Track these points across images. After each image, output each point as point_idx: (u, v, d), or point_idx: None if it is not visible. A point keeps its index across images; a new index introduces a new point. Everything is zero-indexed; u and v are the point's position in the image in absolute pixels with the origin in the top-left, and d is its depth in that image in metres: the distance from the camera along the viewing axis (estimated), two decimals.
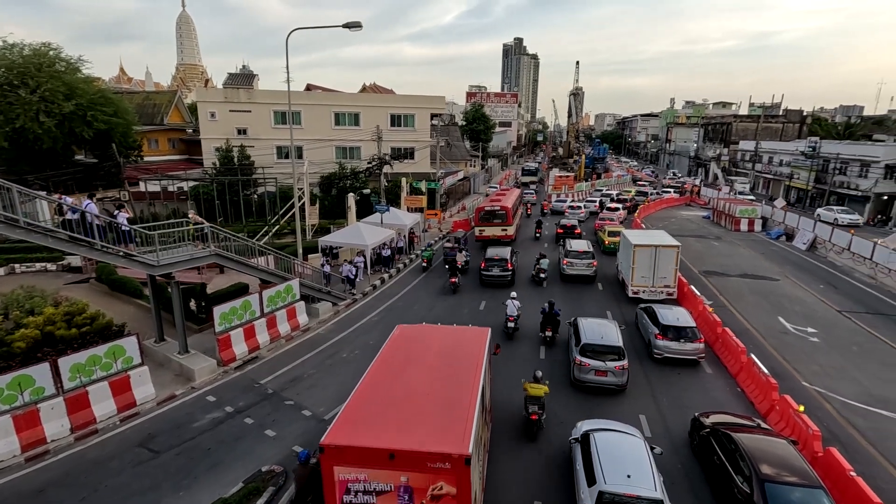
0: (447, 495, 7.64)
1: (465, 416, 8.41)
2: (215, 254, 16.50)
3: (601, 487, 8.90)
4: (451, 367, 10.28)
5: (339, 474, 7.84)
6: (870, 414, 13.70)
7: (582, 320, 16.21)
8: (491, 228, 31.22)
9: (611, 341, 14.79)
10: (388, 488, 7.75)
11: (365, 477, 7.79)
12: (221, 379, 15.48)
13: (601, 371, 14.35)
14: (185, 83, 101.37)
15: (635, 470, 9.17)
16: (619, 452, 9.70)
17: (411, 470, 7.64)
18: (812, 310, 21.94)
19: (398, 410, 8.76)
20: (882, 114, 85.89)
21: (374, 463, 7.71)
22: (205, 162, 42.63)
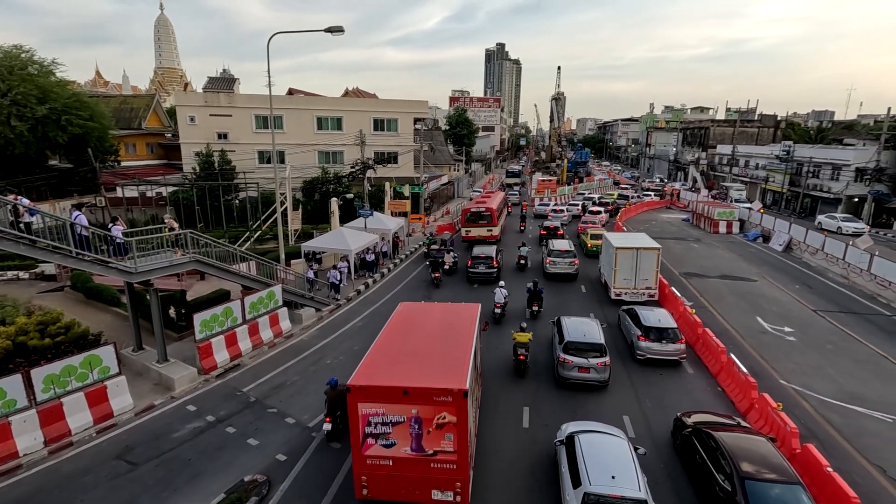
0: (449, 423, 9.46)
1: (462, 364, 10.41)
2: (195, 260, 16.21)
3: (586, 489, 9.03)
4: (449, 332, 12.29)
5: (362, 409, 9.63)
6: (845, 410, 14.05)
7: (565, 319, 16.69)
8: (477, 229, 32.47)
9: (593, 339, 15.26)
10: (402, 419, 9.58)
11: (383, 411, 9.61)
12: (202, 388, 15.18)
13: (584, 368, 14.78)
14: (164, 87, 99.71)
15: (619, 471, 9.31)
16: (604, 454, 9.82)
17: (421, 403, 9.46)
18: (788, 310, 22.47)
19: (407, 361, 10.81)
20: (852, 118, 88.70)
21: (390, 399, 9.54)
22: (184, 167, 41.95)
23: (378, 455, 9.81)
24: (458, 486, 9.75)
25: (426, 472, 9.79)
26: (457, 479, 9.74)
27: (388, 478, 9.91)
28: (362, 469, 9.99)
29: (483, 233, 32.29)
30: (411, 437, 9.68)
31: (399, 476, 9.87)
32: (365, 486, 10.05)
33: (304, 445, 12.28)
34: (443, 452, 9.65)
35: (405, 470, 9.81)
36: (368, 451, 9.85)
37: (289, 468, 11.41)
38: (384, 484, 9.98)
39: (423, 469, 9.77)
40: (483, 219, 32.57)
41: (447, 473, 9.72)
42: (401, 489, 9.96)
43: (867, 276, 25.65)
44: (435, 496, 9.87)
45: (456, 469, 9.69)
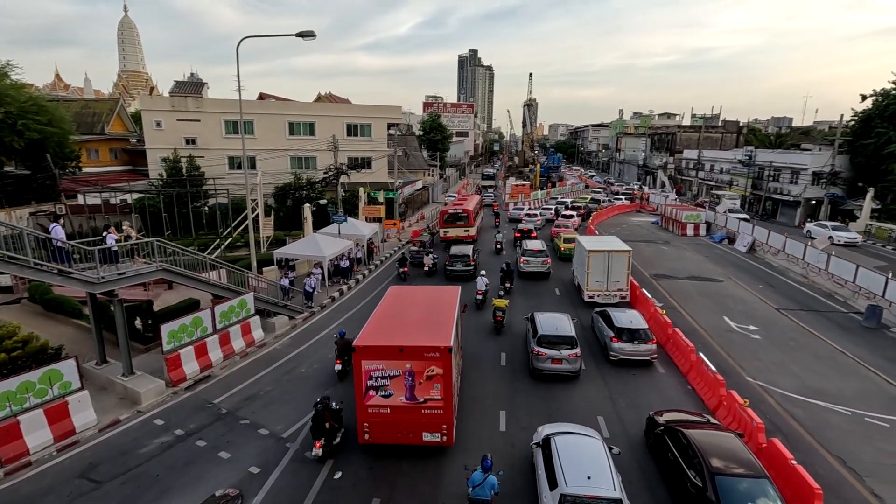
0: (437, 375, 11.50)
1: (447, 328, 12.57)
2: (163, 269, 15.73)
3: (563, 490, 9.13)
4: (434, 306, 14.51)
5: (365, 366, 11.56)
6: (807, 405, 14.61)
7: (538, 315, 17.64)
8: (455, 230, 34.30)
9: (565, 332, 16.20)
10: (398, 373, 11.56)
11: (382, 367, 11.56)
12: (171, 400, 14.70)
13: (557, 359, 15.67)
14: (128, 91, 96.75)
15: (595, 471, 9.47)
16: (579, 455, 9.98)
17: (413, 359, 11.47)
18: (753, 309, 23.26)
19: (401, 327, 13.06)
20: (808, 125, 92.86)
21: (388, 356, 11.53)
22: (150, 173, 40.76)
23: (378, 404, 11.74)
24: (444, 428, 11.80)
25: (418, 417, 11.74)
26: (443, 423, 11.77)
27: (386, 423, 11.83)
28: (364, 417, 11.85)
29: (460, 233, 34.01)
30: (405, 388, 11.66)
31: (395, 422, 11.80)
32: (367, 432, 11.93)
33: (278, 457, 12.01)
34: (431, 400, 11.66)
35: (401, 416, 11.75)
36: (370, 401, 11.76)
37: (262, 481, 11.14)
38: (383, 429, 11.88)
39: (416, 415, 11.73)
40: (460, 220, 34.33)
41: (435, 418, 11.72)
42: (397, 433, 11.88)
43: (825, 276, 26.80)
44: (425, 437, 11.84)
45: (442, 414, 11.71)
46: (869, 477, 11.35)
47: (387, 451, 12.14)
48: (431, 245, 32.45)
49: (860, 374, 16.62)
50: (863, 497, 10.74)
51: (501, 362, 17.21)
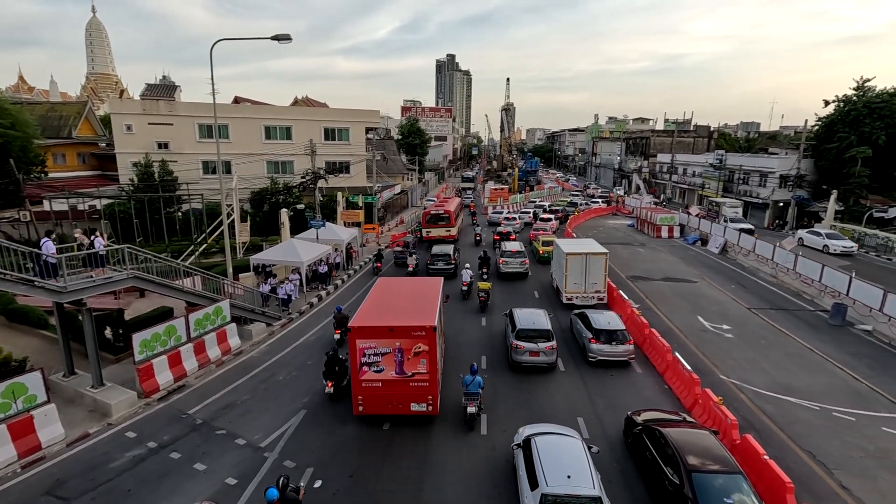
0: (423, 351, 12.90)
1: (431, 311, 13.90)
2: (134, 276, 15.30)
3: (543, 490, 9.22)
4: (419, 293, 15.91)
5: (359, 345, 12.92)
6: (778, 401, 15.03)
7: (516, 311, 18.52)
8: (437, 230, 36.12)
9: (541, 326, 17.15)
10: (388, 350, 12.95)
11: (375, 345, 12.94)
12: (143, 412, 14.27)
13: (534, 352, 16.52)
14: (97, 94, 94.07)
15: (574, 470, 9.58)
16: (559, 454, 10.08)
17: (402, 338, 12.85)
18: (726, 308, 23.86)
19: (390, 311, 14.30)
20: (775, 129, 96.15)
21: (380, 335, 12.91)
22: (121, 178, 39.63)
23: (371, 379, 13.10)
24: (429, 399, 13.23)
25: (406, 389, 13.12)
26: (429, 394, 13.18)
27: (378, 396, 13.19)
28: (359, 391, 13.20)
29: (442, 233, 35.89)
30: (395, 364, 13.04)
31: (386, 394, 13.17)
32: (361, 405, 13.31)
33: (255, 467, 11.76)
34: (418, 374, 13.04)
35: (391, 389, 13.12)
36: (363, 376, 13.09)
37: (240, 492, 10.89)
38: (375, 401, 13.26)
39: (404, 388, 13.12)
40: (442, 220, 36.30)
41: (422, 390, 13.11)
42: (388, 404, 13.27)
43: (793, 275, 27.70)
44: (413, 408, 13.23)
45: (428, 386, 13.12)
46: (837, 470, 11.73)
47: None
48: (415, 246, 33.32)
49: (827, 370, 17.20)
50: (832, 489, 11.09)
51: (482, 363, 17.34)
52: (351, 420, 13.71)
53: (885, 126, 43.50)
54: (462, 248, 35.84)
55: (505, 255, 28.96)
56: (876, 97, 45.54)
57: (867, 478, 11.47)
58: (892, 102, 43.88)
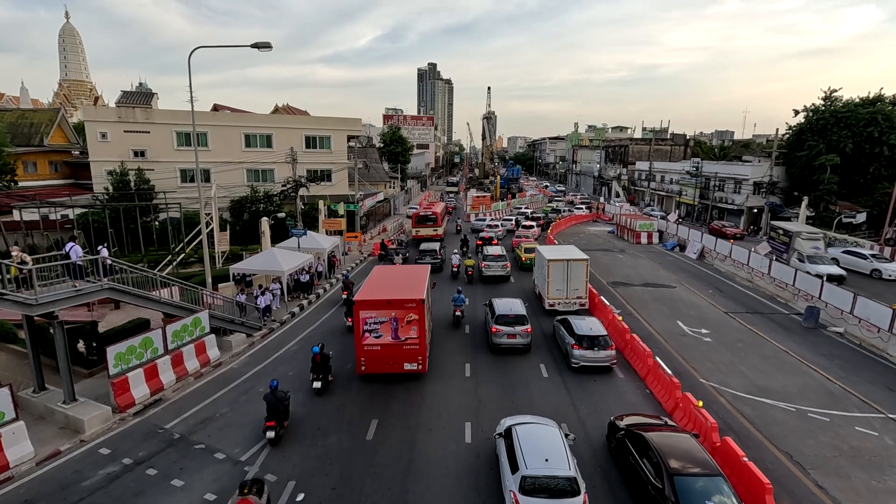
0: (414, 320, 15.88)
1: (420, 288, 17.12)
2: (108, 288, 14.90)
3: (523, 473, 9.90)
4: (411, 276, 19.43)
5: (362, 315, 15.88)
6: (755, 403, 15.34)
7: (495, 300, 20.61)
8: (425, 229, 39.71)
9: (518, 312, 19.29)
10: (386, 319, 15.91)
11: (374, 315, 15.92)
12: (118, 427, 13.84)
13: (512, 335, 18.65)
14: (70, 101, 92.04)
15: (552, 454, 10.29)
16: (538, 441, 10.73)
17: (397, 309, 15.87)
18: (704, 313, 24.33)
19: (387, 289, 17.38)
20: (748, 138, 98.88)
21: (379, 307, 15.91)
22: (95, 187, 38.71)
23: (371, 343, 16.03)
24: (419, 359, 16.26)
25: (400, 352, 16.07)
26: (419, 355, 16.20)
27: (377, 358, 16.12)
28: (361, 353, 16.14)
29: (430, 232, 39.43)
30: (391, 330, 15.97)
31: (384, 356, 16.08)
32: (363, 365, 16.22)
33: (235, 482, 11.45)
34: (410, 339, 16.04)
35: (388, 351, 16.03)
36: (365, 341, 16.03)
37: None
38: (375, 362, 16.16)
39: (399, 350, 16.05)
40: (430, 221, 40.09)
41: (413, 352, 16.12)
42: (385, 364, 16.17)
43: (768, 280, 28.42)
44: (406, 367, 16.19)
45: (418, 349, 16.12)
46: (813, 469, 12.01)
47: None
48: (407, 245, 36.87)
49: (802, 372, 17.64)
50: (808, 489, 11.33)
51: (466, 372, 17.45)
52: (333, 431, 13.53)
53: (851, 135, 45.15)
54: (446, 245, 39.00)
55: (487, 258, 29.84)
56: (842, 107, 47.28)
57: (842, 477, 11.76)
58: (857, 112, 45.61)
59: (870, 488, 11.38)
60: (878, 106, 45.42)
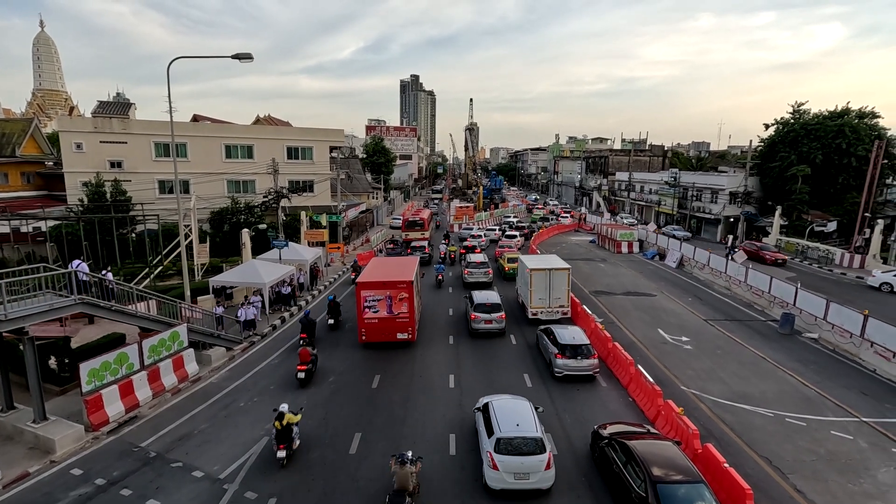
0: (405, 298, 19.66)
1: (410, 272, 20.98)
2: (82, 302, 14.50)
3: (498, 435, 11.55)
4: (402, 265, 23.37)
5: (363, 294, 19.56)
6: (735, 409, 15.58)
7: (474, 292, 23.41)
8: (413, 233, 45.15)
9: (494, 300, 22.24)
10: (382, 297, 19.60)
11: (373, 294, 19.61)
12: (91, 447, 13.38)
13: (488, 321, 21.50)
14: (44, 110, 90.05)
15: (522, 420, 11.98)
16: (511, 411, 12.46)
17: (391, 289, 19.62)
18: (684, 320, 24.71)
19: (383, 273, 21.30)
20: (724, 149, 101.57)
21: (376, 287, 19.67)
22: (69, 198, 37.77)
23: (370, 317, 19.91)
24: (409, 330, 20.25)
25: (394, 324, 20.01)
26: (409, 326, 20.20)
27: (375, 329, 20.00)
28: (362, 325, 19.98)
29: (418, 235, 44.66)
30: (387, 306, 19.85)
31: (381, 327, 19.98)
32: (364, 335, 20.05)
33: (214, 501, 11.19)
34: (402, 313, 19.99)
35: (383, 324, 19.95)
36: (365, 315, 19.86)
37: None
38: (373, 332, 20.05)
39: (392, 323, 19.99)
40: (418, 225, 45.98)
41: (404, 324, 20.11)
42: (381, 334, 20.06)
43: (745, 287, 29.05)
44: (398, 336, 20.16)
45: (408, 321, 20.13)
46: (792, 474, 12.21)
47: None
48: (402, 246, 41.01)
49: (778, 378, 18.00)
50: (787, 493, 11.51)
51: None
52: (314, 445, 13.30)
53: (821, 146, 46.76)
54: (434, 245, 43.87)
55: (470, 265, 31.07)
56: (811, 120, 48.99)
57: (819, 480, 11.98)
58: (826, 124, 47.30)
59: (846, 491, 11.61)
60: (845, 119, 47.19)
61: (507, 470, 11.08)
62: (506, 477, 11.11)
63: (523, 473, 11.09)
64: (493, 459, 11.18)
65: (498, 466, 11.11)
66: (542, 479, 11.19)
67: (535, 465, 11.12)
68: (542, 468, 11.12)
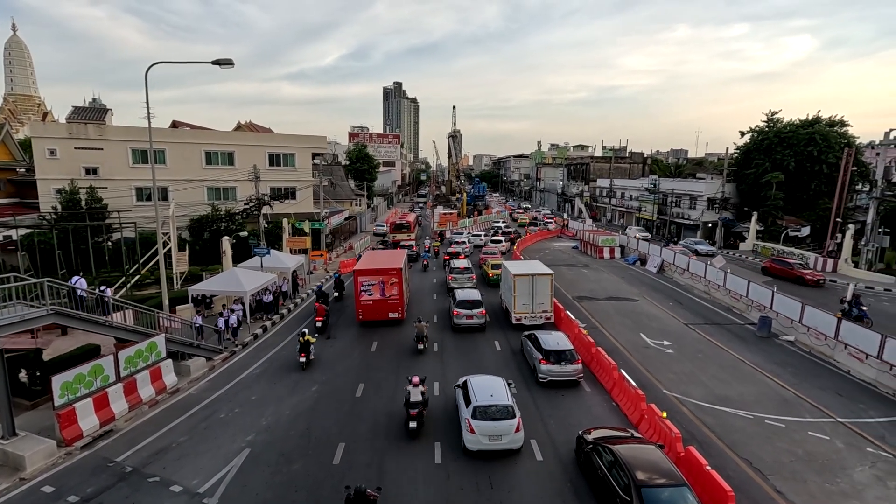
0: (396, 282, 23.57)
1: (399, 262, 24.68)
2: (54, 312, 14.05)
3: (474, 404, 13.31)
4: (392, 256, 27.57)
5: (360, 279, 23.40)
6: (716, 412, 15.81)
7: (457, 290, 25.50)
8: (401, 235, 49.90)
9: (474, 297, 23.82)
10: (376, 282, 23.46)
11: (368, 280, 23.42)
12: (63, 462, 12.92)
13: (469, 316, 23.07)
14: (16, 116, 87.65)
15: (495, 392, 13.83)
16: (486, 385, 14.27)
17: (384, 275, 23.45)
18: (665, 325, 25.05)
19: (376, 262, 24.94)
20: (701, 156, 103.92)
21: (371, 274, 23.47)
22: (42, 206, 36.75)
23: (366, 299, 23.52)
24: (399, 310, 23.91)
25: (386, 304, 23.63)
26: (399, 307, 23.85)
27: (370, 309, 23.63)
28: (359, 307, 23.60)
29: (405, 237, 49.23)
30: (380, 290, 23.42)
31: (375, 308, 23.61)
32: (361, 314, 23.63)
33: None
34: (392, 296, 23.59)
35: (378, 305, 23.57)
36: (362, 298, 23.44)
37: None
38: (368, 312, 23.66)
39: (385, 304, 23.59)
40: (404, 227, 51.16)
41: (395, 305, 23.78)
42: (376, 313, 23.66)
43: (723, 291, 29.61)
44: (390, 315, 23.77)
45: (398, 302, 23.78)
46: (772, 475, 12.41)
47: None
48: (391, 246, 44.22)
49: (757, 380, 18.33)
50: (768, 494, 11.69)
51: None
52: (298, 456, 13.07)
53: (793, 154, 48.14)
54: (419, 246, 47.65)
55: (454, 271, 31.29)
56: (784, 128, 50.45)
57: (798, 481, 12.20)
58: (798, 133, 48.74)
59: (824, 491, 11.84)
60: (816, 127, 48.70)
61: (483, 433, 12.81)
62: (481, 439, 12.82)
63: (496, 436, 12.82)
64: (471, 424, 12.91)
65: (475, 430, 12.84)
66: (513, 440, 12.94)
67: (507, 428, 12.88)
68: (512, 431, 12.89)
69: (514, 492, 11.61)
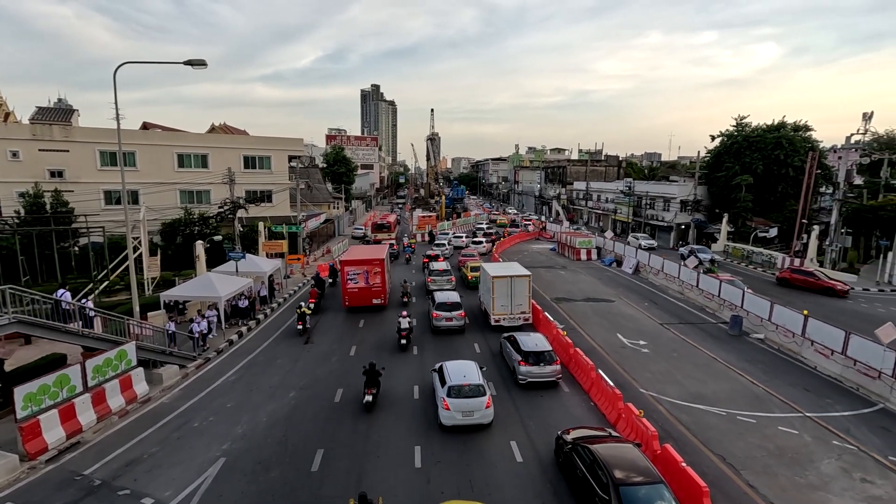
0: (379, 272, 26.57)
1: (381, 254, 28.34)
2: (17, 321, 13.49)
3: (449, 384, 14.74)
4: (375, 248, 32.47)
5: (346, 269, 26.50)
6: (691, 410, 16.15)
7: (436, 293, 25.76)
8: (382, 234, 52.71)
9: (454, 300, 24.01)
10: (361, 272, 26.45)
11: (354, 269, 26.41)
12: (27, 477, 12.37)
13: (449, 318, 23.25)
14: None
15: (468, 373, 15.32)
16: (460, 368, 15.67)
17: (368, 265, 26.48)
18: (641, 325, 25.49)
19: (361, 255, 28.28)
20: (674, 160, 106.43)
21: (357, 264, 26.51)
22: (4, 210, 35.29)
23: (352, 287, 26.24)
24: (382, 296, 26.88)
25: (370, 291, 26.44)
26: (382, 293, 26.80)
27: (355, 296, 26.44)
28: (346, 294, 26.44)
29: (385, 236, 52.01)
30: (364, 278, 26.21)
31: (360, 295, 26.41)
32: (347, 301, 26.43)
33: None
34: (375, 284, 26.41)
35: (363, 292, 26.36)
36: (348, 286, 26.19)
37: None
38: (354, 299, 26.49)
39: (369, 291, 26.42)
40: (385, 227, 54.01)
41: (378, 292, 26.61)
42: (361, 300, 26.50)
43: (697, 291, 30.32)
44: (374, 301, 26.62)
45: (381, 290, 26.67)
46: (744, 470, 12.73)
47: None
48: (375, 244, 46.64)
49: (730, 377, 18.81)
50: (740, 489, 11.98)
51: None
52: (275, 464, 12.82)
53: (761, 157, 49.72)
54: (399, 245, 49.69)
55: (433, 273, 31.42)
56: (752, 132, 52.05)
57: (769, 475, 12.54)
58: (765, 137, 50.36)
59: (794, 484, 12.20)
60: (782, 131, 50.42)
61: (457, 409, 14.19)
62: (456, 415, 14.18)
63: (469, 412, 14.22)
64: (446, 402, 14.32)
65: (449, 407, 14.23)
66: (484, 416, 14.40)
67: (478, 405, 14.32)
68: (483, 407, 14.36)
69: (495, 493, 11.62)
